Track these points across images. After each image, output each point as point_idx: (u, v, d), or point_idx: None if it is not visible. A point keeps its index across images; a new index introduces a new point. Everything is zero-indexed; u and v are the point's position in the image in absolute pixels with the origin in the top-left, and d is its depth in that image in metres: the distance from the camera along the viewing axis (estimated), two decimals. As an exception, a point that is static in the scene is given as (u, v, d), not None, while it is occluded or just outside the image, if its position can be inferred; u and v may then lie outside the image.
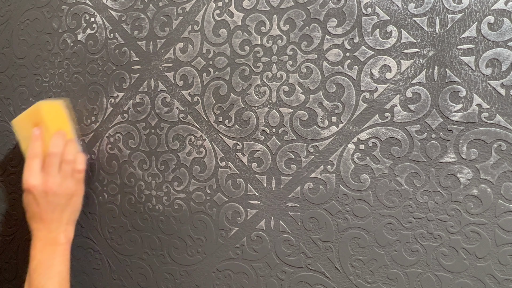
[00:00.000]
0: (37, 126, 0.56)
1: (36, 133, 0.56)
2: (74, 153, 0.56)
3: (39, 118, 0.56)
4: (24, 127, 0.58)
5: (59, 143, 0.55)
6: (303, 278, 0.51)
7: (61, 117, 0.59)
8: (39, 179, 0.53)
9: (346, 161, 0.48)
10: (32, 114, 0.57)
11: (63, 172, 0.55)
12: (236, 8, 0.53)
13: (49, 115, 0.57)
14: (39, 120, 0.56)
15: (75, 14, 0.63)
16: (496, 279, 0.43)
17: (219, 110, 0.54)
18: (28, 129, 0.57)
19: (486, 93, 0.42)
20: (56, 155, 0.54)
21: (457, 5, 0.43)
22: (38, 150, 0.55)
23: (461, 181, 0.44)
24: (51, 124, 0.56)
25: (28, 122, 0.58)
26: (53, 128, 0.57)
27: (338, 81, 0.48)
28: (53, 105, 0.59)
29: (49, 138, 0.56)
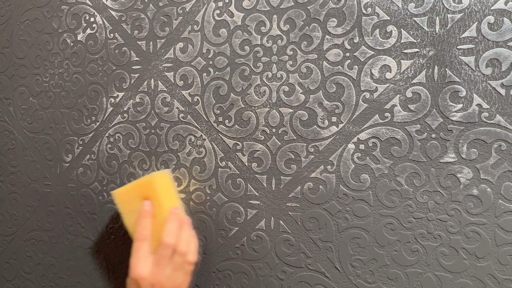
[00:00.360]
0: (145, 199, 0.51)
1: (147, 208, 0.51)
2: (188, 243, 0.51)
3: (150, 192, 0.51)
4: (128, 200, 0.52)
5: (174, 231, 0.49)
6: (303, 278, 0.51)
7: (171, 190, 0.54)
8: (148, 269, 0.48)
9: (346, 161, 0.48)
10: (140, 186, 0.52)
11: (174, 263, 0.49)
12: (236, 8, 0.53)
13: (162, 188, 0.51)
14: (149, 194, 0.51)
15: (75, 14, 0.63)
16: (496, 279, 0.43)
17: (219, 110, 0.54)
18: (133, 203, 0.52)
19: (486, 93, 0.42)
20: (170, 246, 0.48)
21: (457, 5, 0.43)
22: (149, 230, 0.50)
23: (461, 181, 0.44)
24: (164, 200, 0.51)
25: (134, 194, 0.52)
26: (166, 204, 0.51)
27: (338, 81, 0.48)
28: (164, 177, 0.53)
29: (161, 215, 0.50)
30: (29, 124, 0.67)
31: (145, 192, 0.51)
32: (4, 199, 0.70)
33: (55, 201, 0.66)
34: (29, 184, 0.68)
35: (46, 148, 0.66)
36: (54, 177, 0.65)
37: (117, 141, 0.60)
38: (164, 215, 0.50)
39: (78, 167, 0.63)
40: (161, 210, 0.50)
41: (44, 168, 0.66)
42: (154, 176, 0.51)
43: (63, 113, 0.64)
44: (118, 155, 0.60)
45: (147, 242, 0.49)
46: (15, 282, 0.70)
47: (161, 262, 0.48)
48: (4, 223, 0.71)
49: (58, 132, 0.65)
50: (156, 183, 0.51)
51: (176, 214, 0.51)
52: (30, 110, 0.67)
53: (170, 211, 0.51)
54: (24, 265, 0.69)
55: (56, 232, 0.66)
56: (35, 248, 0.68)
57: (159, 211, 0.51)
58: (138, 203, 0.51)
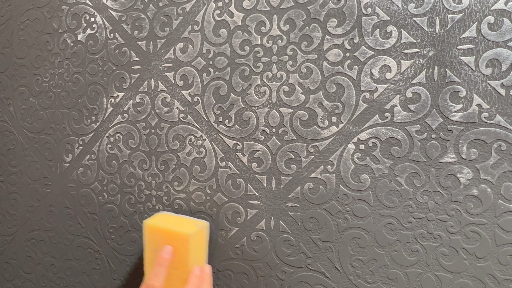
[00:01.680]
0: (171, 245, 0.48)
1: (166, 256, 0.48)
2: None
3: (182, 245, 0.48)
4: (157, 239, 0.49)
5: None
6: (303, 278, 0.51)
7: (203, 247, 0.51)
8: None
9: (346, 161, 0.48)
10: (174, 235, 0.48)
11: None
12: (236, 8, 0.53)
13: (195, 246, 0.49)
14: (180, 247, 0.48)
15: (75, 14, 0.63)
16: (496, 279, 0.43)
17: (219, 110, 0.54)
18: (160, 243, 0.49)
19: (486, 93, 0.42)
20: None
21: (457, 5, 0.43)
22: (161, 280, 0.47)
23: (461, 181, 0.44)
24: (192, 258, 0.48)
25: (164, 237, 0.49)
26: (192, 262, 0.48)
27: (338, 81, 0.48)
28: (201, 234, 0.51)
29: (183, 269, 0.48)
30: (29, 124, 0.67)
31: (177, 243, 0.48)
32: (4, 199, 0.70)
33: (55, 201, 0.66)
34: (29, 184, 0.68)
35: (46, 148, 0.66)
36: (54, 177, 0.65)
37: (117, 141, 0.60)
38: (187, 270, 0.48)
39: (78, 167, 0.63)
40: (185, 266, 0.48)
41: (44, 168, 0.66)
42: (192, 234, 0.48)
43: (63, 113, 0.64)
44: (118, 155, 0.60)
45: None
46: (15, 282, 0.70)
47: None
48: (4, 223, 0.71)
49: (58, 132, 0.65)
50: (192, 241, 0.48)
51: (198, 277, 0.48)
52: (30, 110, 0.67)
53: (192, 271, 0.48)
54: (24, 265, 0.69)
55: (56, 232, 0.66)
56: (35, 248, 0.68)
57: (182, 266, 0.48)
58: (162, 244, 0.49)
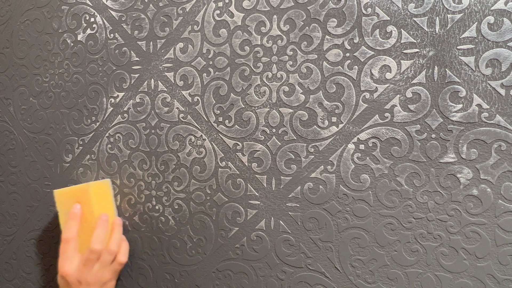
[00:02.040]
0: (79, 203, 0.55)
1: (76, 210, 0.55)
2: (118, 243, 0.55)
3: (85, 197, 0.55)
4: (65, 201, 0.57)
5: (102, 237, 0.53)
6: (303, 278, 0.51)
7: (107, 199, 0.58)
8: (75, 267, 0.53)
9: (346, 161, 0.48)
10: (77, 191, 0.56)
11: (103, 262, 0.53)
12: (236, 8, 0.53)
13: (96, 197, 0.56)
14: (84, 199, 0.55)
15: (75, 14, 0.63)
16: (496, 279, 0.43)
17: (219, 110, 0.54)
18: (69, 205, 0.56)
19: (486, 93, 0.42)
20: (98, 252, 0.52)
21: (457, 5, 0.43)
22: (74, 231, 0.54)
23: (461, 181, 0.44)
24: (96, 207, 0.55)
25: (71, 197, 0.56)
26: (97, 211, 0.55)
27: (338, 81, 0.48)
28: (102, 186, 0.58)
29: (92, 221, 0.55)
30: (29, 124, 0.67)
31: (81, 197, 0.55)
32: (4, 199, 0.70)
33: (55, 201, 0.65)
34: (29, 184, 0.68)
35: (46, 148, 0.66)
36: (54, 177, 0.65)
37: (117, 141, 0.60)
38: (95, 220, 0.55)
39: (78, 167, 0.63)
40: (92, 216, 0.55)
41: (44, 168, 0.66)
42: (90, 184, 0.56)
43: (63, 113, 0.64)
44: (118, 155, 0.60)
45: (73, 243, 0.53)
46: (15, 282, 0.70)
47: (87, 263, 0.52)
48: (4, 223, 0.71)
49: (58, 132, 0.65)
50: (91, 191, 0.55)
51: (105, 221, 0.55)
52: (30, 110, 0.67)
53: (99, 218, 0.55)
54: (24, 265, 0.69)
55: (56, 232, 0.66)
56: (35, 248, 0.68)
57: (90, 216, 0.55)
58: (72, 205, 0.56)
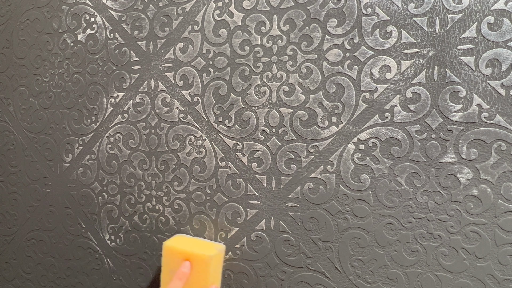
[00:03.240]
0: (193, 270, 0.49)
1: (185, 270, 0.49)
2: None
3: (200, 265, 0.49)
4: (176, 260, 0.50)
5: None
6: (303, 278, 0.51)
7: (218, 268, 0.52)
8: None
9: (346, 161, 0.48)
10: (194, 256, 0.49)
11: None
12: (236, 8, 0.53)
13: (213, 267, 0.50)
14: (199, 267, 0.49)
15: (75, 14, 0.63)
16: (496, 279, 0.43)
17: (219, 110, 0.54)
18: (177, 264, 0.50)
19: (486, 93, 0.42)
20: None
21: (457, 5, 0.43)
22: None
23: (461, 181, 0.44)
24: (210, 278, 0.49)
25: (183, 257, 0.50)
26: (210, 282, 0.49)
27: (338, 81, 0.48)
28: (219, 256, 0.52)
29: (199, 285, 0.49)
30: (29, 124, 0.67)
31: (197, 264, 0.49)
32: (4, 199, 0.70)
33: (55, 201, 0.66)
34: (29, 184, 0.68)
35: (46, 148, 0.66)
36: (54, 177, 0.65)
37: (117, 141, 0.60)
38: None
39: (78, 167, 0.63)
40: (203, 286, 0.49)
41: (44, 168, 0.66)
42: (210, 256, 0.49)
43: (63, 113, 0.64)
44: (118, 155, 0.60)
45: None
46: (15, 282, 0.70)
47: None
48: (4, 223, 0.71)
49: (58, 132, 0.65)
50: (211, 264, 0.49)
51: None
52: (30, 110, 0.67)
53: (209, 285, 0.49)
54: (24, 265, 0.69)
55: (56, 232, 0.66)
56: (35, 248, 0.68)
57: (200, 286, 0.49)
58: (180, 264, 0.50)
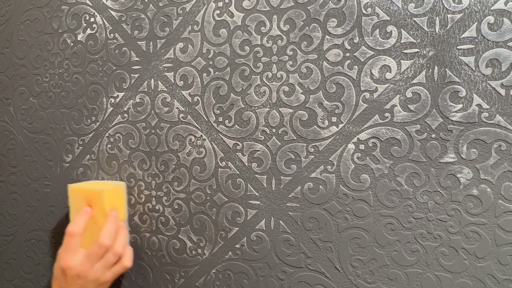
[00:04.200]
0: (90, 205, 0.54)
1: (87, 209, 0.54)
2: (124, 246, 0.55)
3: (98, 199, 0.54)
4: (78, 199, 0.55)
5: (111, 233, 0.53)
6: (303, 278, 0.51)
7: (120, 203, 0.58)
8: (77, 261, 0.51)
9: (346, 161, 0.48)
10: (92, 192, 0.54)
11: (106, 261, 0.52)
12: (236, 8, 0.53)
13: (110, 200, 0.55)
14: (97, 201, 0.54)
15: (75, 14, 0.63)
16: (496, 279, 0.43)
17: (219, 110, 0.54)
18: (82, 203, 0.55)
19: (486, 93, 0.42)
20: (105, 247, 0.52)
21: (457, 5, 0.43)
22: (81, 227, 0.53)
23: (461, 181, 0.44)
24: (108, 210, 0.54)
25: (85, 197, 0.55)
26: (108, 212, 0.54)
27: (338, 81, 0.48)
28: (116, 191, 0.57)
29: (101, 221, 0.54)
30: (29, 124, 0.67)
31: (95, 198, 0.54)
32: (4, 199, 0.70)
33: (55, 201, 0.66)
34: (29, 184, 0.68)
35: (46, 148, 0.66)
36: (54, 177, 0.65)
37: (117, 141, 0.60)
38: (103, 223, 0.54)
39: (78, 167, 0.63)
40: (102, 218, 0.54)
41: (44, 168, 0.66)
42: (106, 189, 0.54)
43: (63, 113, 0.64)
44: (118, 155, 0.60)
45: (77, 238, 0.52)
46: (15, 282, 0.70)
47: (91, 257, 0.51)
48: (4, 223, 0.71)
49: (58, 132, 0.65)
50: (106, 195, 0.54)
51: (115, 218, 0.54)
52: (30, 110, 0.67)
53: (109, 214, 0.54)
54: (24, 265, 0.69)
55: (56, 232, 0.66)
56: (35, 248, 0.68)
57: (100, 218, 0.54)
58: (84, 204, 0.55)
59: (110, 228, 0.53)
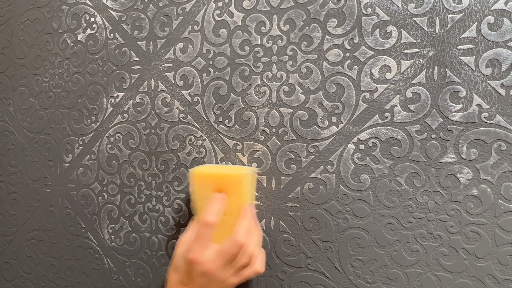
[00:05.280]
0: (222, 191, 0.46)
1: (221, 196, 0.46)
2: (258, 247, 0.48)
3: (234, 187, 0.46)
4: (206, 184, 0.47)
5: (246, 230, 0.45)
6: (303, 278, 0.51)
7: (252, 191, 0.50)
8: (209, 257, 0.44)
9: (346, 161, 0.48)
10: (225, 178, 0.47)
11: (238, 264, 0.45)
12: (236, 8, 0.53)
13: (246, 188, 0.47)
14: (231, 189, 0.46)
15: (75, 14, 0.63)
16: (496, 279, 0.43)
17: (219, 110, 0.54)
18: (210, 190, 0.47)
19: (486, 93, 0.42)
20: (240, 245, 0.44)
21: (457, 5, 0.43)
22: (217, 217, 0.45)
23: (461, 181, 0.44)
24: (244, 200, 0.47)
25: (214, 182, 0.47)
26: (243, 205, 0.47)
27: (338, 81, 0.48)
28: (251, 177, 0.49)
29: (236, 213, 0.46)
30: (29, 124, 0.67)
31: (227, 185, 0.46)
32: (4, 199, 0.70)
33: (55, 201, 0.66)
34: (29, 184, 0.68)
35: (46, 148, 0.66)
36: (54, 177, 0.65)
37: (117, 141, 0.60)
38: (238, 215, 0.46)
39: (78, 167, 0.63)
40: (237, 209, 0.46)
41: (44, 168, 0.66)
42: (242, 175, 0.46)
43: (63, 113, 0.64)
44: (118, 155, 0.60)
45: (212, 230, 0.44)
46: (15, 282, 0.70)
47: (224, 255, 0.44)
48: (4, 223, 0.71)
49: (58, 132, 0.65)
50: (243, 182, 0.46)
51: (251, 213, 0.47)
52: (30, 110, 0.67)
53: (244, 208, 0.46)
54: (24, 265, 0.69)
55: (56, 232, 0.66)
56: (35, 248, 0.68)
57: (235, 209, 0.46)
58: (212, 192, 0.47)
59: (246, 224, 0.45)
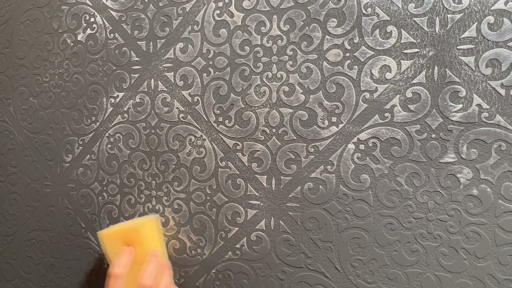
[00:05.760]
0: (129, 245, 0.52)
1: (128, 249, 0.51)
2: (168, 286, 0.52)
3: (135, 237, 0.51)
4: (114, 243, 0.53)
5: (153, 274, 0.49)
6: (303, 278, 0.51)
7: (156, 237, 0.54)
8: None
9: (346, 161, 0.48)
10: (126, 232, 0.52)
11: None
12: (236, 8, 0.53)
13: (148, 236, 0.52)
14: (135, 240, 0.52)
15: (75, 14, 0.63)
16: (496, 279, 0.43)
17: (219, 110, 0.54)
18: (118, 246, 0.52)
19: (486, 93, 0.42)
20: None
21: (457, 5, 0.43)
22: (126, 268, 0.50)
23: (461, 181, 0.44)
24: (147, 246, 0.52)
25: (120, 238, 0.52)
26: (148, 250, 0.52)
27: (338, 81, 0.48)
28: (151, 223, 0.54)
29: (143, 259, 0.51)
30: (29, 124, 0.67)
31: (131, 237, 0.52)
32: (4, 199, 0.70)
33: (55, 201, 0.66)
34: (29, 184, 0.68)
35: (46, 148, 0.66)
36: (54, 177, 0.65)
37: (117, 141, 0.60)
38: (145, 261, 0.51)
39: (78, 167, 0.63)
40: (143, 255, 0.51)
41: (44, 168, 0.66)
42: (141, 225, 0.51)
43: (63, 113, 0.64)
44: (118, 155, 0.60)
45: (122, 280, 0.49)
46: (15, 282, 0.70)
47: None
48: (4, 223, 0.71)
49: (58, 132, 0.65)
50: (143, 231, 0.51)
51: (156, 257, 0.51)
52: (30, 110, 0.67)
53: (150, 254, 0.51)
54: (24, 265, 0.69)
55: (56, 232, 0.66)
56: (35, 248, 0.68)
57: (141, 256, 0.51)
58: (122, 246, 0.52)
59: (152, 269, 0.50)
